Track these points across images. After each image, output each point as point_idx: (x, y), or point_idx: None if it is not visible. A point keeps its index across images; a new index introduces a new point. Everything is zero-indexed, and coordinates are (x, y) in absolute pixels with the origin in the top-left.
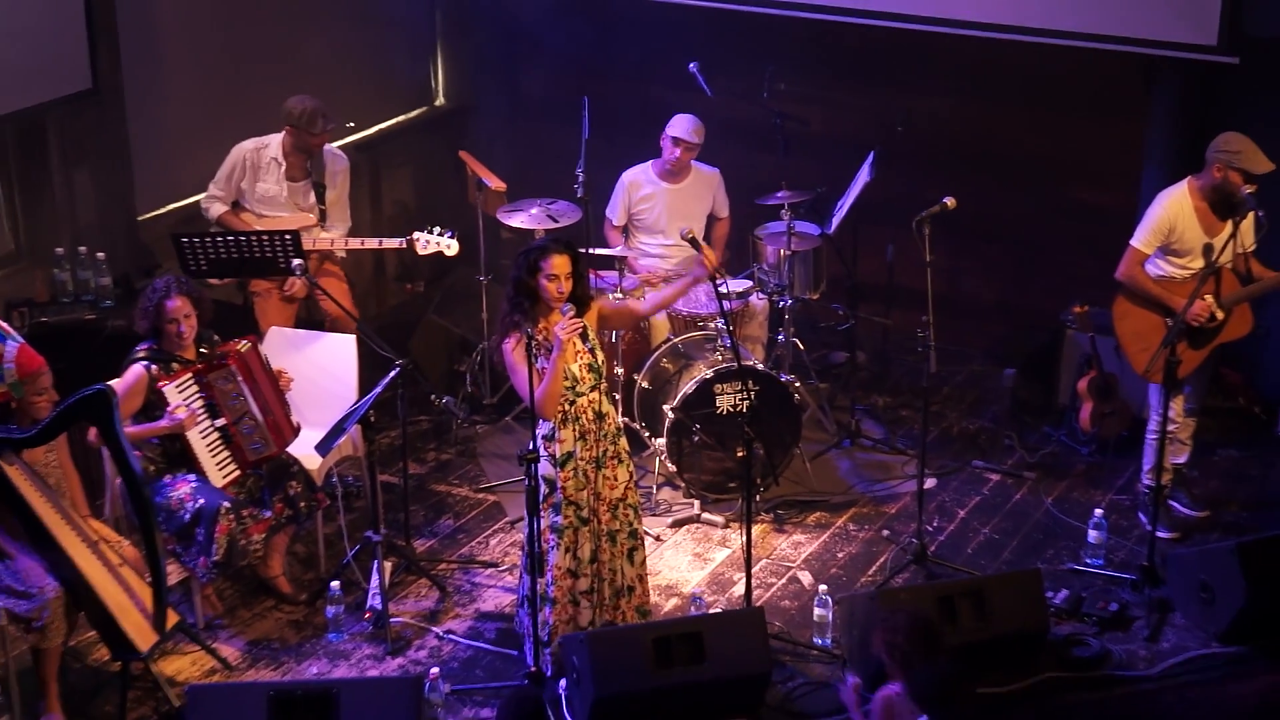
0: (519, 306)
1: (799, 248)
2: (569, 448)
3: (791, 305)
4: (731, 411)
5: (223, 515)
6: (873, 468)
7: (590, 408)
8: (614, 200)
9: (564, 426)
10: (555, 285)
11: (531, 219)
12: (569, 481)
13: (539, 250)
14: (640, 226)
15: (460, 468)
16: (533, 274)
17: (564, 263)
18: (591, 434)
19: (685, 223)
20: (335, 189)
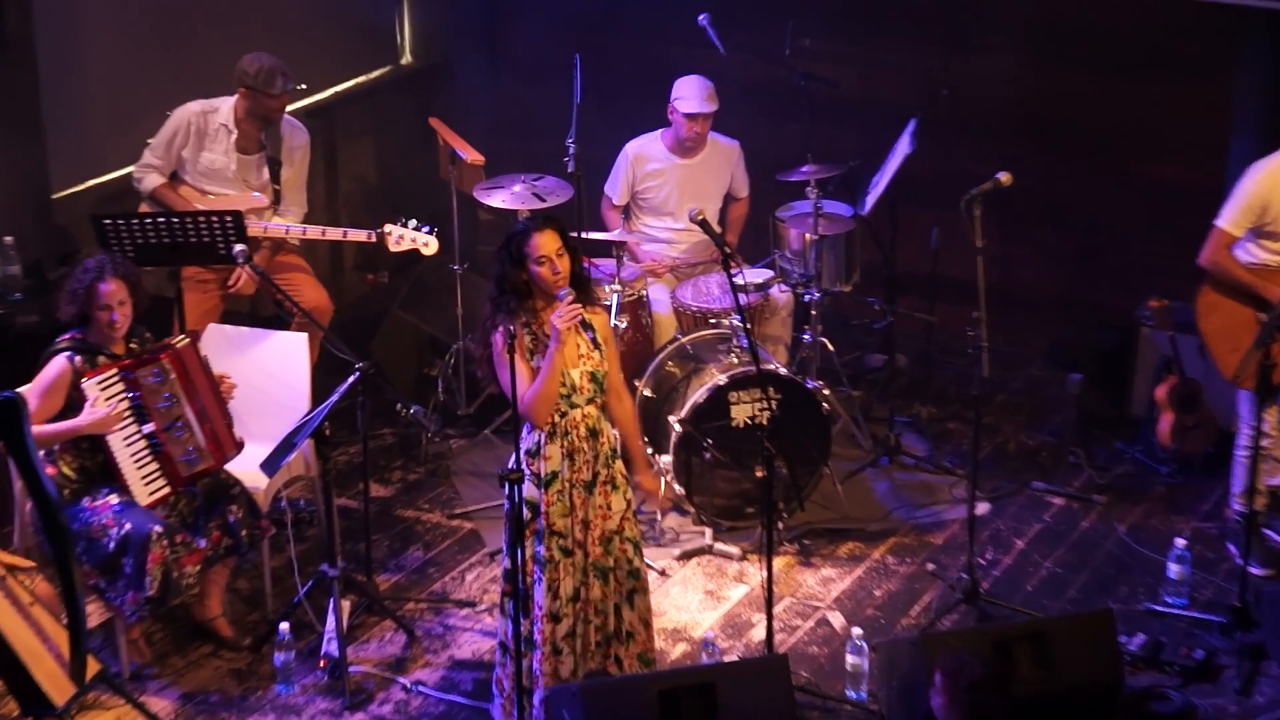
0: (503, 307)
1: (828, 231)
2: (554, 466)
3: (819, 299)
4: (749, 424)
5: (155, 542)
6: (915, 490)
7: (584, 423)
8: (615, 175)
9: (551, 441)
10: (549, 268)
11: (514, 197)
12: (553, 506)
13: (519, 235)
14: (645, 206)
15: (431, 490)
16: (519, 264)
17: (550, 239)
18: (582, 454)
19: (699, 203)
20: (293, 166)
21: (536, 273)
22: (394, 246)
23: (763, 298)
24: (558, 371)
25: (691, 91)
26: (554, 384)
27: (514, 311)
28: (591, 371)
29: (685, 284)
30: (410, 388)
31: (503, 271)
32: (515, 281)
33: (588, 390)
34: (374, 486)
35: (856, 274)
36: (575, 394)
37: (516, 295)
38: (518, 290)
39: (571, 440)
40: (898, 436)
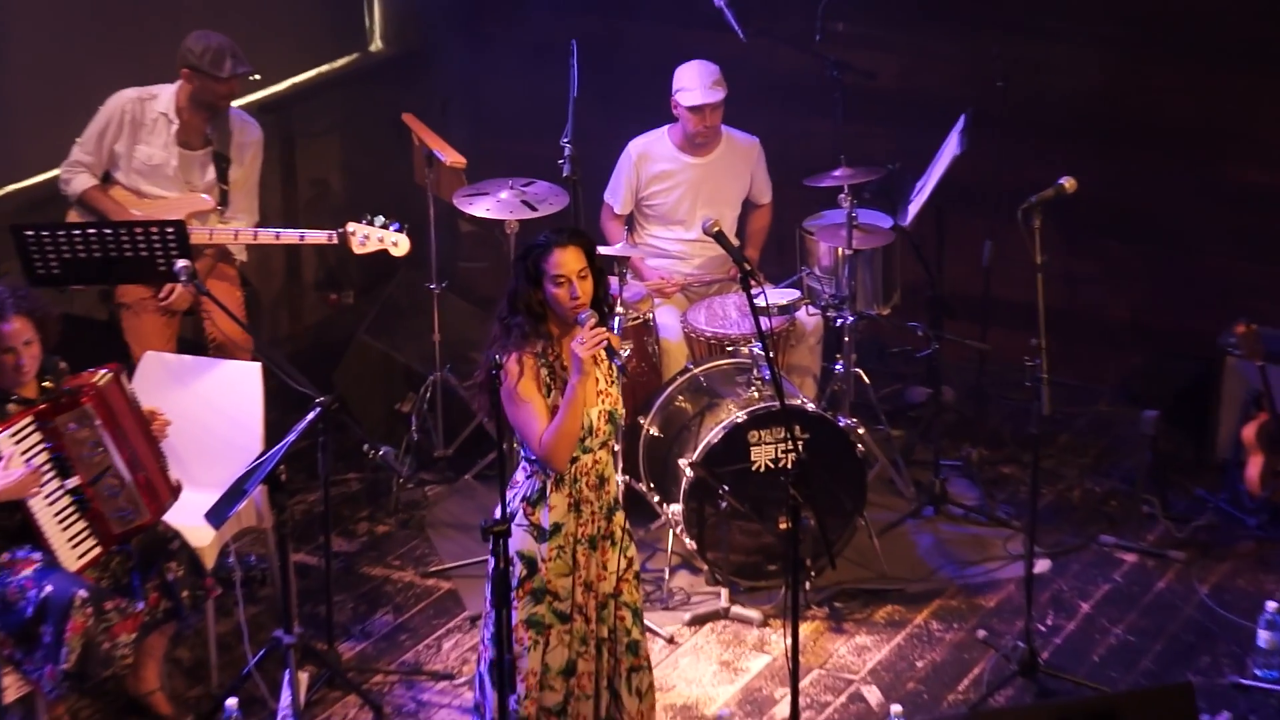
0: (515, 330)
1: (863, 245)
2: (559, 517)
3: (853, 323)
4: (772, 468)
5: (77, 609)
6: (964, 545)
7: (595, 469)
8: (616, 179)
9: (557, 489)
10: (567, 290)
11: (500, 206)
12: (551, 563)
13: (538, 249)
14: (652, 215)
15: (403, 544)
16: (535, 282)
17: (573, 257)
18: (589, 505)
19: (715, 210)
20: (243, 165)
21: (553, 294)
22: (359, 248)
23: (788, 322)
24: (580, 407)
25: (692, 80)
26: (577, 422)
27: (528, 336)
28: (610, 411)
29: (698, 306)
30: (379, 425)
31: (516, 288)
32: (530, 301)
33: (603, 433)
34: (336, 540)
35: (896, 295)
36: (590, 437)
37: (531, 317)
38: (532, 311)
39: (580, 489)
40: (944, 483)
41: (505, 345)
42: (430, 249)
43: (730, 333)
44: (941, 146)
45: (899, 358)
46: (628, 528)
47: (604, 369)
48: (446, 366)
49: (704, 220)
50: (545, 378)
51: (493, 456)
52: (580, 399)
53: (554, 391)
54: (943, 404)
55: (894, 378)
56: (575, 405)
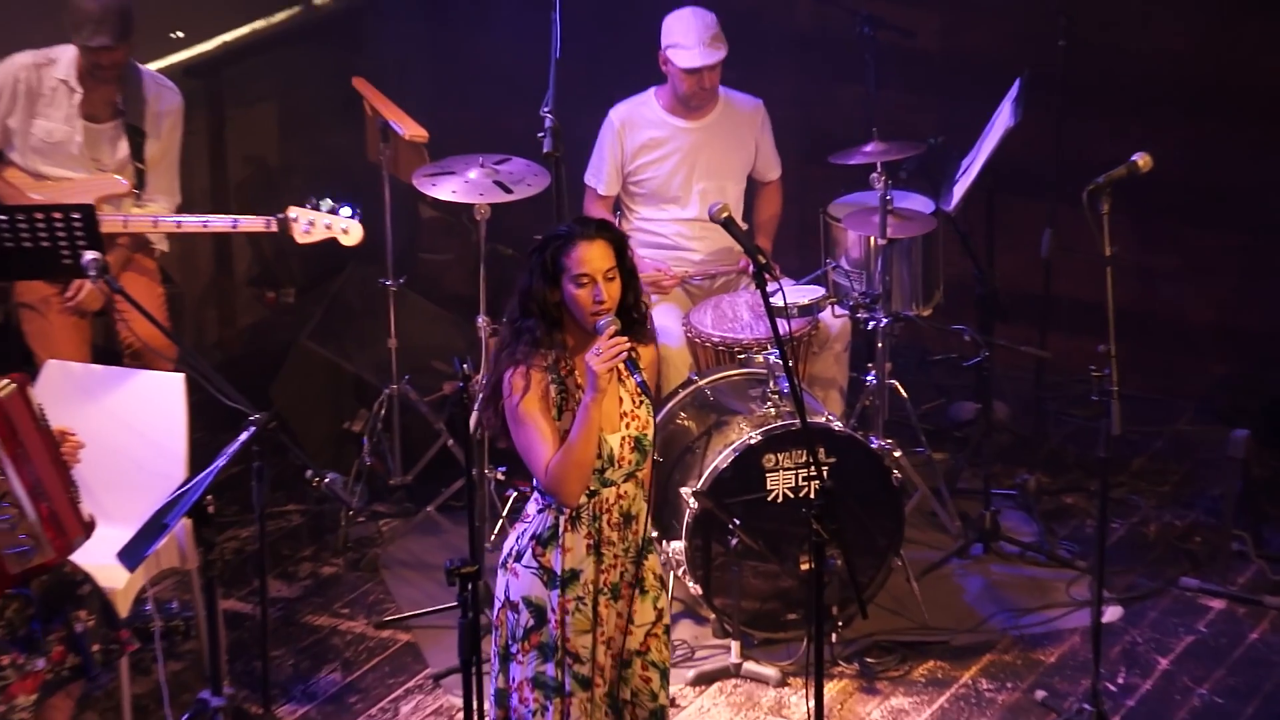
0: (528, 336)
1: (900, 234)
2: (576, 562)
3: (888, 326)
4: (791, 499)
5: None
6: (1019, 589)
7: (619, 505)
8: (598, 155)
9: (574, 527)
10: (590, 292)
11: (469, 188)
12: (572, 616)
13: (560, 240)
14: (642, 193)
15: (352, 588)
16: (552, 280)
17: (601, 254)
18: (612, 547)
19: (715, 184)
20: (160, 139)
21: (572, 295)
22: (303, 237)
23: (811, 325)
24: (595, 432)
25: (687, 35)
26: (590, 449)
27: (539, 343)
28: (637, 437)
29: (703, 305)
30: (325, 448)
31: (530, 285)
32: (544, 302)
33: (629, 463)
34: (274, 583)
35: (938, 293)
36: (612, 468)
37: (545, 321)
38: (546, 314)
39: (600, 528)
40: (996, 515)
41: (513, 353)
42: (386, 238)
43: (742, 337)
44: (992, 118)
45: (942, 367)
46: (661, 574)
47: (630, 387)
48: (405, 378)
49: (711, 206)
50: (555, 396)
51: (460, 485)
52: (594, 422)
53: (566, 413)
54: (994, 422)
55: (936, 391)
56: (588, 429)
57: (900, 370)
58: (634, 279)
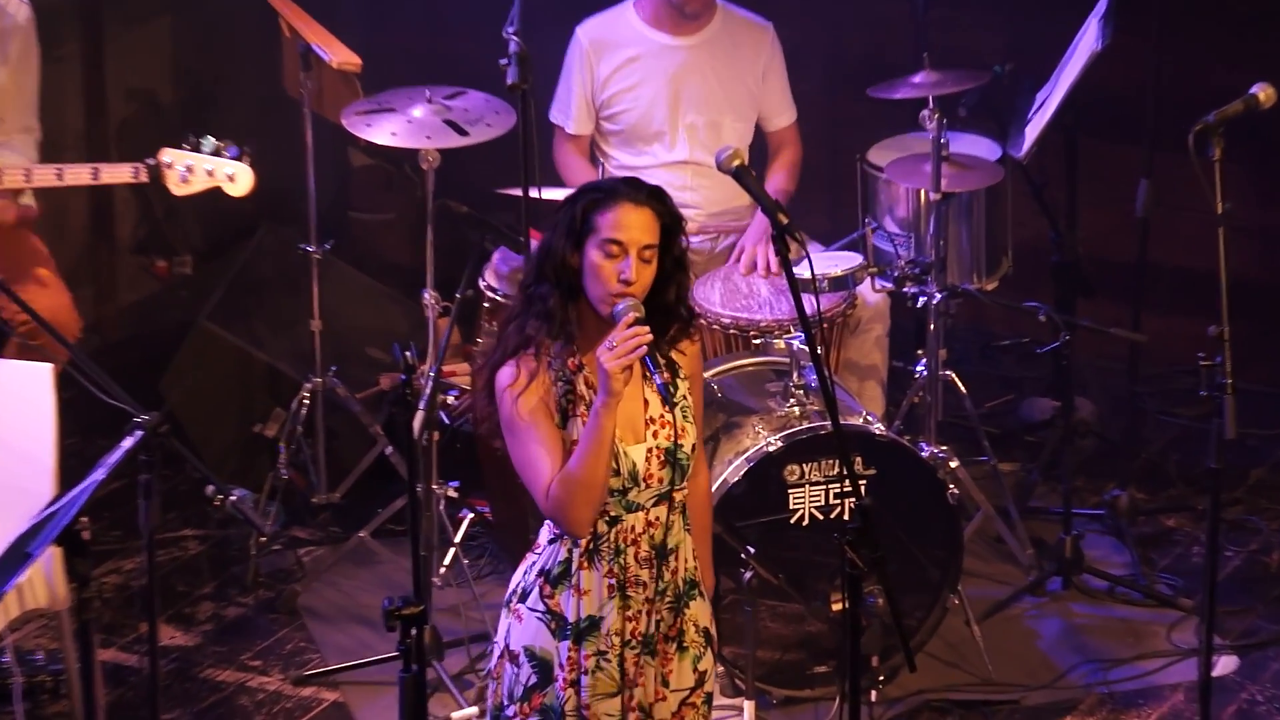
0: (538, 304)
1: (958, 187)
2: (595, 608)
3: (943, 303)
4: (820, 521)
5: None
6: (1108, 634)
7: (649, 535)
8: (564, 84)
9: (590, 564)
10: (616, 265)
11: (413, 128)
12: (595, 676)
13: (598, 196)
14: (617, 133)
15: (265, 634)
16: (577, 241)
17: (644, 224)
18: (643, 589)
19: (708, 117)
20: (8, 62)
21: (594, 264)
22: (179, 187)
23: (847, 302)
24: (607, 445)
25: None
26: (600, 467)
27: (552, 315)
28: (667, 449)
29: (709, 277)
30: (230, 457)
31: (551, 243)
32: (563, 266)
33: (659, 481)
34: (166, 629)
35: (1006, 261)
36: (636, 488)
37: (561, 290)
38: (562, 280)
39: (625, 564)
40: (1078, 541)
41: (522, 328)
42: (308, 192)
43: (758, 317)
44: (1074, 41)
45: (1011, 355)
46: (709, 628)
47: (655, 389)
48: (332, 369)
49: (719, 152)
50: (560, 399)
51: (401, 504)
52: (606, 432)
53: (573, 420)
54: (1076, 424)
55: (1003, 384)
56: (598, 442)
57: (958, 359)
58: (681, 273)
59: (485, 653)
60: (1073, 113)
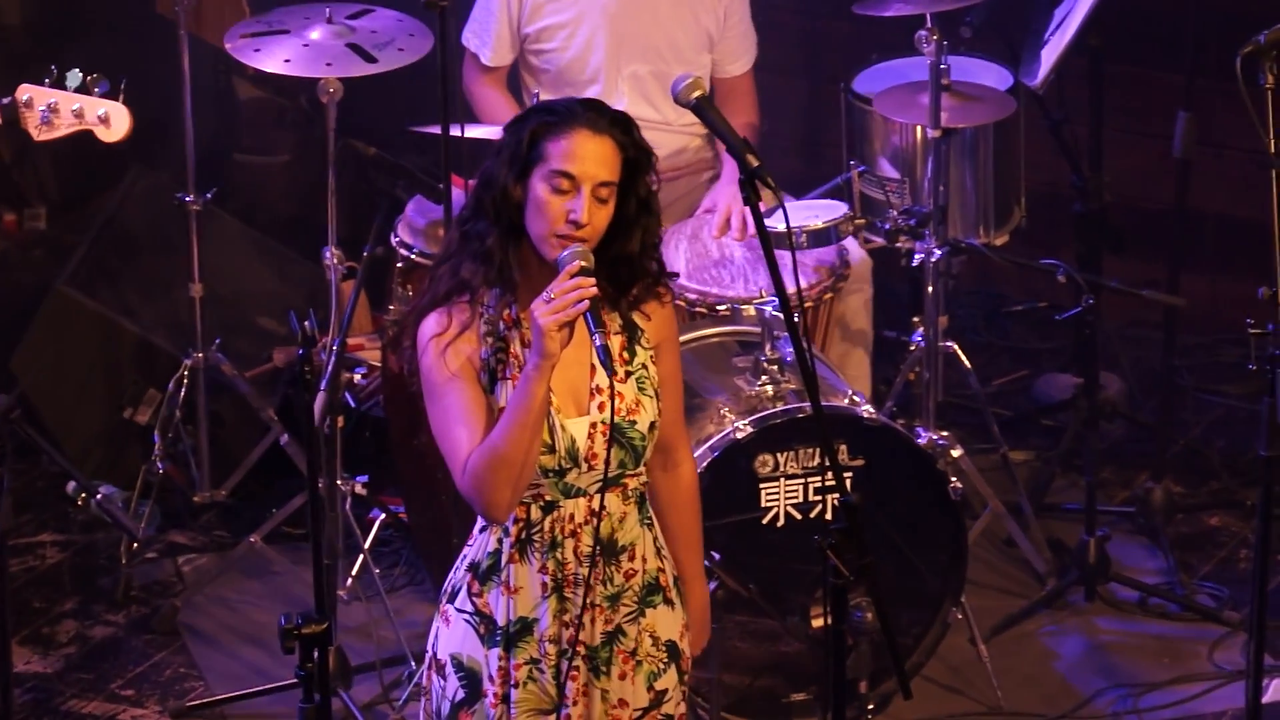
0: (474, 242)
1: (960, 122)
2: (526, 607)
3: (943, 261)
4: (798, 521)
5: None
6: (1140, 653)
7: (593, 526)
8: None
9: (521, 556)
10: (565, 202)
11: (310, 54)
12: (522, 690)
13: (551, 117)
14: (546, 70)
15: (139, 658)
16: (522, 170)
17: (602, 156)
18: (580, 589)
19: (652, 66)
20: None
21: (540, 199)
22: (42, 131)
23: (839, 267)
24: (536, 416)
25: None
26: (524, 441)
27: (490, 256)
28: (617, 425)
29: (673, 233)
30: (96, 448)
31: (494, 172)
32: (504, 198)
33: (601, 462)
34: (21, 651)
35: (1019, 211)
36: (577, 469)
37: (501, 227)
38: (502, 216)
39: (562, 558)
40: (1104, 544)
41: (456, 271)
42: (184, 131)
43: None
44: None
45: (1024, 322)
46: (677, 641)
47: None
48: (216, 342)
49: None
50: (489, 358)
51: (299, 503)
52: (537, 399)
53: (501, 384)
54: (1102, 404)
55: (1016, 357)
56: (528, 409)
57: (961, 327)
58: (649, 219)
59: (400, 679)
60: (1098, 32)
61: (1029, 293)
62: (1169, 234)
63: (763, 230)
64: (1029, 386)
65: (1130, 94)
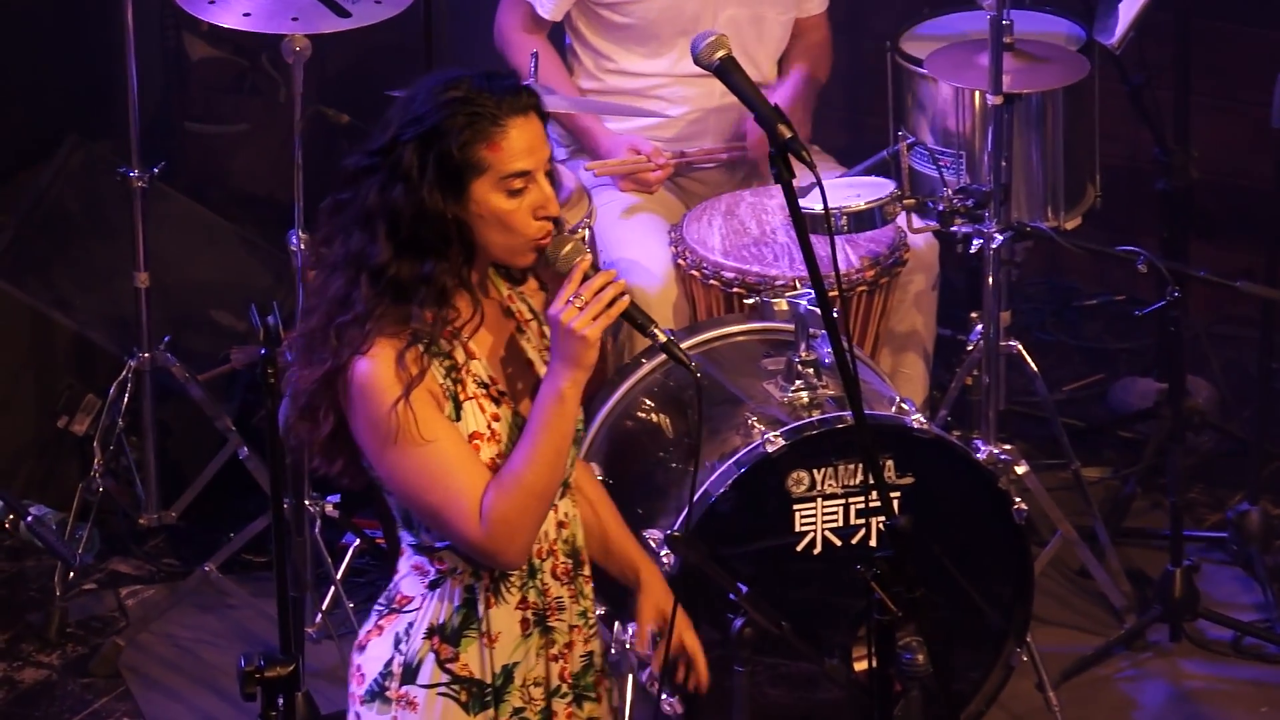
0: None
1: (1026, 87)
2: (508, 654)
3: (1005, 248)
4: (837, 548)
5: None
6: (1234, 701)
7: (563, 539)
8: None
9: (497, 597)
10: (526, 200)
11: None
12: None
13: (465, 119)
14: (624, 29)
15: (77, 706)
16: (454, 184)
17: (535, 128)
18: (567, 614)
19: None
20: None
21: (497, 209)
22: None
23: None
24: (570, 439)
25: None
26: (560, 468)
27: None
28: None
29: (706, 208)
30: (26, 461)
31: (401, 203)
32: (443, 229)
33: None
34: None
35: (1093, 189)
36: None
37: (453, 259)
38: (447, 250)
39: (543, 585)
40: (1192, 575)
41: (362, 326)
42: (128, 95)
43: (773, 272)
44: None
45: (1100, 317)
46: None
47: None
48: (164, 340)
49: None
50: (444, 380)
51: (261, 526)
52: (573, 418)
53: (466, 403)
54: (1190, 413)
55: (1089, 359)
56: (564, 432)
57: (1026, 324)
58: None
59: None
60: None
61: (1105, 284)
62: (1266, 216)
63: (796, 212)
64: (1104, 393)
65: (1221, 54)
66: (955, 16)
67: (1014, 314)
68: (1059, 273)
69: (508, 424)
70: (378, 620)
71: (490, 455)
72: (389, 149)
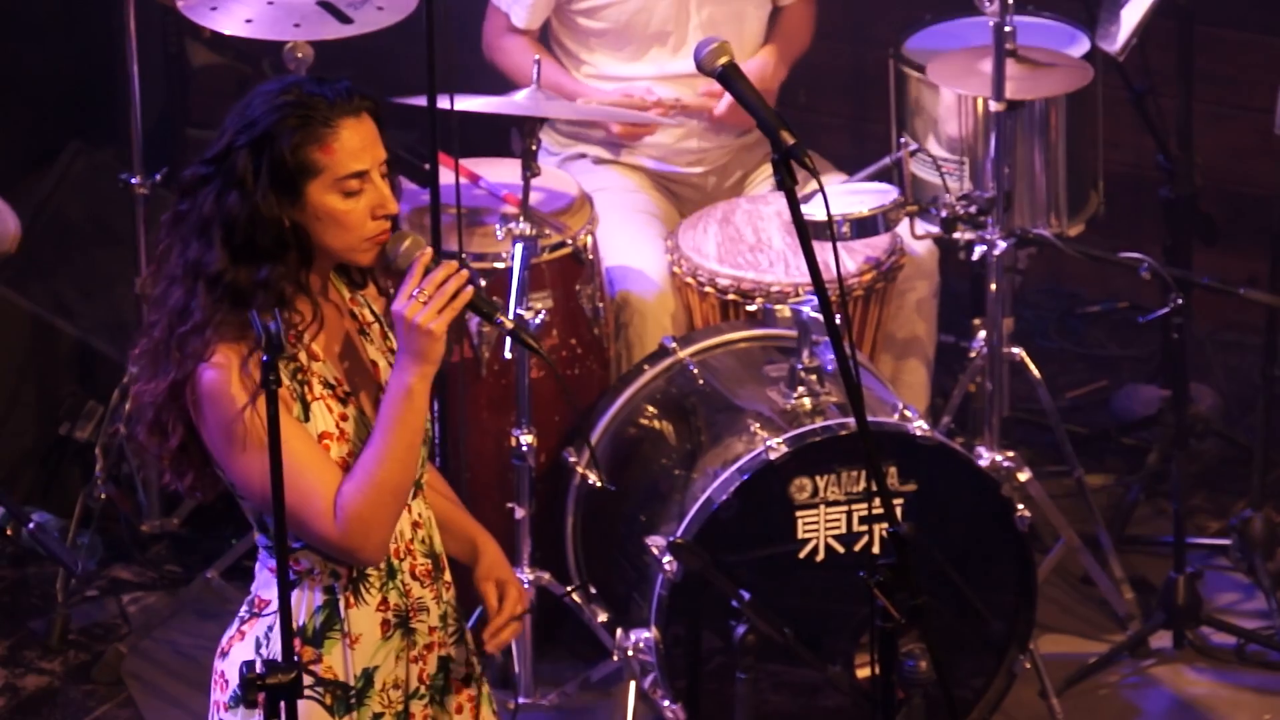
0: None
1: (1028, 94)
2: (372, 655)
3: (1008, 254)
4: (840, 555)
5: None
6: (1238, 709)
7: (419, 539)
8: None
9: (357, 597)
10: (362, 200)
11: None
12: None
13: (295, 121)
14: (600, 33)
15: (78, 712)
16: (290, 189)
17: (367, 129)
18: (426, 614)
19: (726, 6)
20: None
21: (333, 210)
22: None
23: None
24: (420, 436)
25: None
26: (413, 463)
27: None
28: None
29: (700, 217)
30: (28, 468)
31: (236, 209)
32: (277, 234)
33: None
34: None
35: (1096, 197)
36: None
37: (286, 264)
38: (283, 254)
39: (404, 586)
40: (1194, 582)
41: (201, 329)
42: (130, 102)
43: (768, 279)
44: None
45: (1102, 325)
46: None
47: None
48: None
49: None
50: (291, 388)
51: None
52: (424, 412)
53: (314, 403)
54: (1193, 420)
55: (1092, 366)
56: (415, 427)
57: (1029, 331)
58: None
59: None
60: None
61: (1108, 291)
62: (1270, 223)
63: (799, 218)
64: (1108, 400)
65: (1225, 61)
66: (957, 22)
67: (1017, 320)
68: (1062, 279)
69: (355, 423)
70: (240, 625)
71: (341, 454)
72: (223, 156)
